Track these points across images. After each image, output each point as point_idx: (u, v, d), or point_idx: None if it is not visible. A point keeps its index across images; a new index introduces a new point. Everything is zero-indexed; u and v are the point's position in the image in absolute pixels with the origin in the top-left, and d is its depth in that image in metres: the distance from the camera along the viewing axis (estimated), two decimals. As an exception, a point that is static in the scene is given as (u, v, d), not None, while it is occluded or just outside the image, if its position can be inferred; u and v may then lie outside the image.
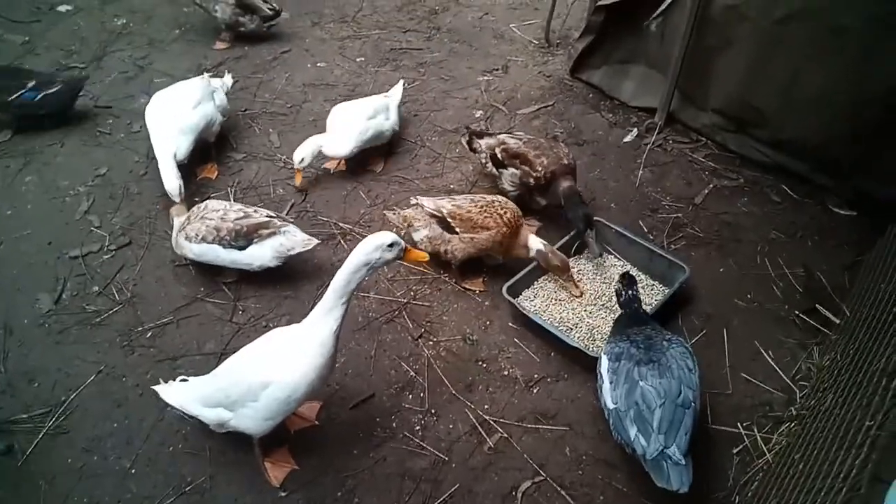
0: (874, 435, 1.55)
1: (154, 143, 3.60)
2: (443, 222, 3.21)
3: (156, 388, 2.60)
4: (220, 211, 3.17)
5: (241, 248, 3.13)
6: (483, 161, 3.69)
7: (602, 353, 2.61)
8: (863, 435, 1.63)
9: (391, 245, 2.21)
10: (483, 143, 3.68)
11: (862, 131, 3.48)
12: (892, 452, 1.47)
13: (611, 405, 2.44)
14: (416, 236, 3.31)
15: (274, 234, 3.14)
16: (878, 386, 1.80)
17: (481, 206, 3.19)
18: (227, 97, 4.09)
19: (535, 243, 3.16)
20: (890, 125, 3.35)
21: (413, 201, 3.38)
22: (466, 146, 3.82)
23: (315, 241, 3.22)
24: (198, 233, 3.13)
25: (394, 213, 3.43)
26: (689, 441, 2.26)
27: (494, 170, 3.61)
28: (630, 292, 2.78)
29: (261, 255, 3.16)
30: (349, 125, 3.79)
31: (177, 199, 3.44)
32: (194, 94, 3.75)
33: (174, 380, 2.65)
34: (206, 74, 4.04)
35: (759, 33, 3.64)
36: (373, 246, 2.19)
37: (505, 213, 3.17)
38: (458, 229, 3.18)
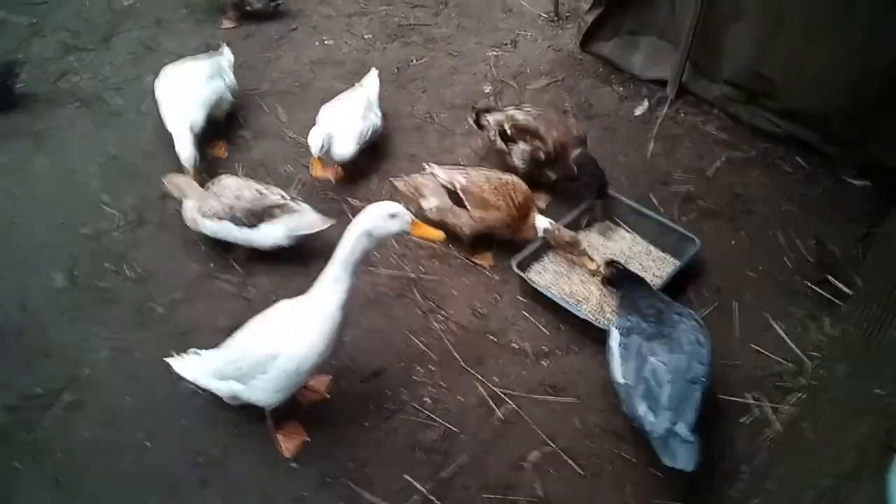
0: (885, 404, 1.54)
1: (166, 115, 3.62)
2: (454, 196, 3.20)
3: (169, 360, 2.64)
4: (235, 188, 3.18)
5: (254, 227, 3.14)
6: (491, 137, 3.67)
7: (612, 327, 2.60)
8: (874, 403, 1.62)
9: (393, 215, 2.19)
10: (491, 119, 3.65)
11: (872, 101, 3.42)
12: (901, 418, 1.46)
13: (620, 380, 2.44)
14: (426, 204, 3.29)
15: (287, 213, 3.15)
16: (891, 356, 1.78)
17: (495, 186, 3.17)
18: (232, 73, 4.08)
19: (542, 223, 3.14)
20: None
21: (427, 169, 3.36)
22: (473, 124, 3.79)
23: (331, 222, 3.22)
24: (213, 209, 3.14)
25: (402, 182, 3.41)
26: (698, 417, 2.26)
27: (504, 146, 3.59)
28: (617, 267, 2.82)
29: (273, 234, 3.17)
30: (349, 127, 3.58)
31: (191, 170, 3.46)
32: (205, 70, 3.77)
33: (187, 353, 2.69)
34: (214, 53, 4.03)
35: (768, 4, 3.57)
36: (374, 214, 2.19)
37: (517, 195, 3.15)
38: (468, 205, 3.17)
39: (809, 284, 3.14)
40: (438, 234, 2.37)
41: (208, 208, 3.15)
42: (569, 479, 2.54)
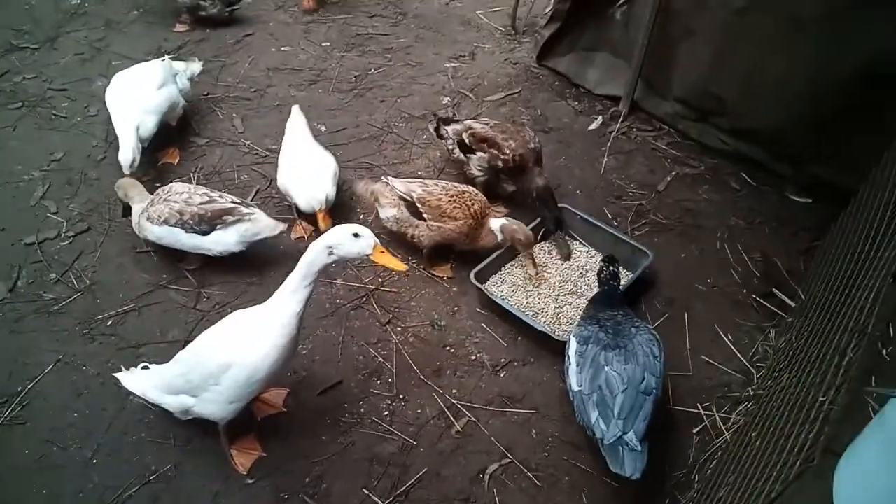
0: (827, 409, 1.61)
1: (115, 122, 3.51)
2: (412, 207, 3.21)
3: (117, 375, 2.56)
4: (185, 194, 3.11)
5: (205, 234, 3.08)
6: (450, 147, 3.70)
7: (571, 336, 2.65)
8: (816, 410, 1.69)
9: (356, 235, 2.19)
10: (450, 129, 3.68)
11: (818, 120, 3.57)
12: (843, 426, 1.53)
13: (576, 387, 2.48)
14: (383, 214, 3.31)
15: (239, 220, 3.10)
16: (831, 364, 1.87)
17: (451, 196, 3.19)
18: (189, 83, 4.00)
19: (497, 222, 3.18)
20: (845, 115, 3.45)
21: (383, 180, 3.36)
22: (434, 133, 3.82)
23: (282, 226, 3.19)
24: (160, 215, 3.06)
25: (362, 184, 3.43)
26: (647, 427, 2.32)
27: (462, 155, 3.62)
28: (611, 268, 2.87)
29: (224, 240, 3.11)
30: (321, 173, 3.39)
31: (126, 171, 3.37)
32: (157, 76, 3.67)
33: (136, 367, 2.61)
34: (167, 57, 3.94)
35: (719, 23, 3.71)
36: (338, 232, 2.19)
37: (473, 204, 3.18)
38: (426, 216, 3.18)
39: (756, 297, 3.26)
40: (400, 265, 2.36)
41: (156, 213, 3.07)
42: (526, 491, 2.56)
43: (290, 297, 2.23)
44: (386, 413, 2.77)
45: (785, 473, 1.60)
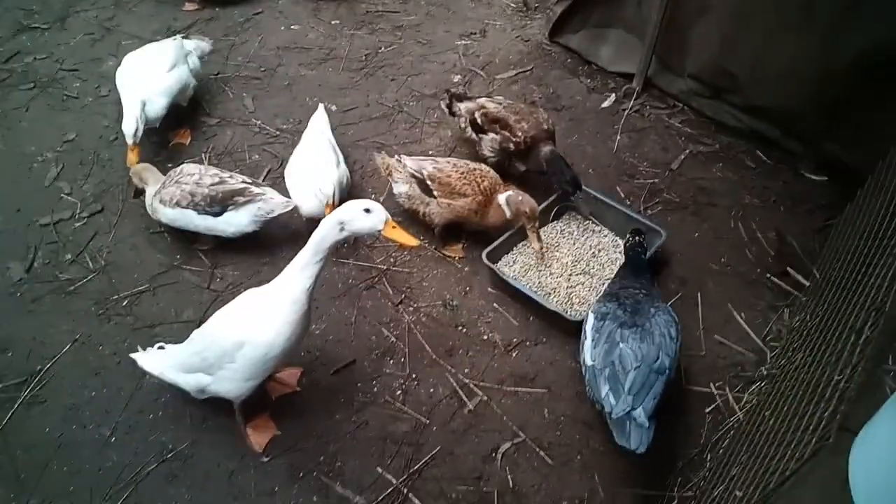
0: (843, 388, 1.60)
1: (124, 101, 3.49)
2: (422, 184, 3.21)
3: (133, 355, 2.59)
4: (196, 175, 3.12)
5: (216, 215, 3.08)
6: (462, 126, 3.67)
7: (590, 311, 2.66)
8: (832, 389, 1.68)
9: (368, 210, 2.19)
10: (463, 106, 3.65)
11: (832, 98, 3.52)
12: (859, 404, 1.53)
13: (589, 362, 2.49)
14: (396, 190, 3.32)
15: (250, 200, 3.10)
16: (847, 343, 1.86)
17: (462, 173, 3.18)
18: (200, 62, 3.98)
19: (503, 196, 3.15)
20: (857, 94, 3.40)
21: (396, 158, 3.36)
22: (446, 110, 3.78)
23: (294, 203, 3.18)
24: (172, 196, 3.07)
25: (381, 157, 3.42)
26: (657, 406, 2.32)
27: (474, 135, 3.59)
28: (637, 238, 2.87)
29: (237, 221, 3.12)
30: (325, 177, 3.17)
31: (129, 142, 3.33)
32: (168, 57, 3.65)
33: (152, 347, 2.63)
34: (178, 36, 3.92)
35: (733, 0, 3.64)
36: (349, 207, 2.19)
37: (483, 181, 3.17)
38: (436, 193, 3.18)
39: (770, 276, 3.24)
40: (412, 240, 2.32)
41: (168, 195, 3.08)
42: (538, 469, 2.58)
43: (299, 273, 2.23)
44: (399, 392, 2.79)
45: (800, 451, 1.60)
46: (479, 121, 3.52)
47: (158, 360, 2.55)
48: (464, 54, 4.70)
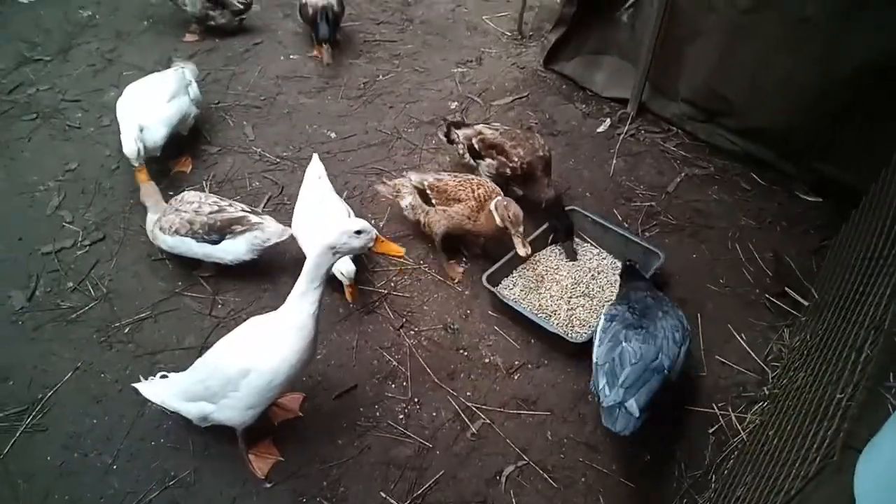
0: (845, 406, 1.62)
1: (125, 138, 3.44)
2: (423, 194, 3.32)
3: (136, 385, 2.58)
4: (195, 203, 3.15)
5: (215, 243, 3.11)
6: (461, 152, 3.72)
7: (602, 315, 2.74)
8: (834, 407, 1.70)
9: (358, 232, 2.22)
10: (461, 133, 3.71)
11: (824, 120, 3.58)
12: (862, 422, 1.54)
13: (594, 360, 2.56)
14: (402, 203, 3.43)
15: (248, 228, 3.12)
16: (848, 361, 1.87)
17: (459, 181, 3.27)
18: (199, 91, 4.03)
19: (491, 203, 3.14)
20: (851, 114, 3.46)
21: (405, 175, 3.48)
22: (444, 138, 3.84)
23: (290, 231, 3.20)
24: (171, 224, 3.10)
25: (383, 185, 3.56)
26: (650, 401, 2.37)
27: (472, 161, 3.64)
28: (629, 266, 3.00)
29: (235, 249, 3.14)
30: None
31: (135, 164, 3.33)
32: (169, 87, 3.70)
33: (154, 376, 2.63)
34: (179, 66, 3.98)
35: (725, 24, 3.72)
36: (340, 231, 2.20)
37: (478, 188, 3.21)
38: (434, 200, 3.26)
39: (768, 296, 3.26)
40: (398, 250, 2.38)
41: (167, 223, 3.11)
42: (543, 492, 2.57)
43: (300, 300, 2.24)
44: (401, 416, 2.79)
45: (805, 470, 1.60)
46: (476, 146, 3.57)
47: (161, 389, 2.54)
48: (460, 82, 4.77)
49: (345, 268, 2.98)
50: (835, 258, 3.14)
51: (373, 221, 3.62)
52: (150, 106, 3.59)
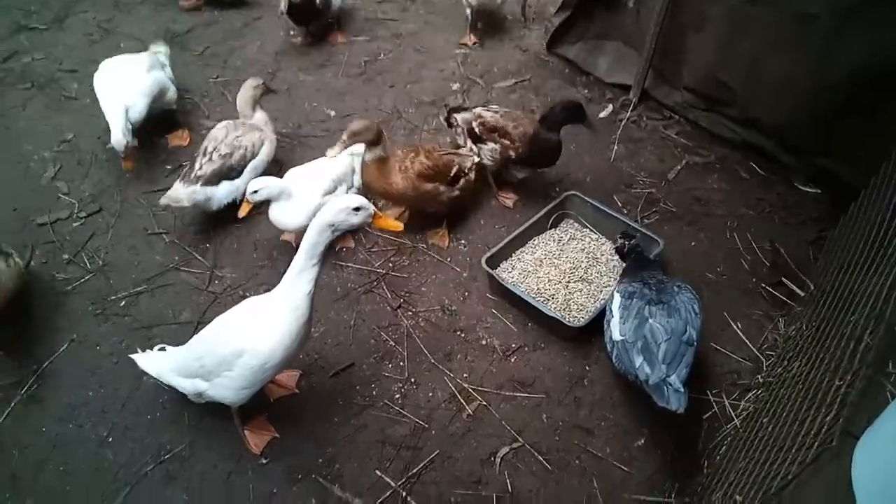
0: (844, 393, 1.63)
1: (104, 107, 3.45)
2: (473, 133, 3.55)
3: (133, 356, 2.57)
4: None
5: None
6: (459, 136, 3.69)
7: (615, 291, 2.76)
8: (832, 394, 1.71)
9: (357, 209, 2.19)
10: (459, 117, 3.67)
11: (824, 112, 3.57)
12: (861, 409, 1.55)
13: (618, 337, 2.58)
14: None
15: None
16: (847, 350, 1.88)
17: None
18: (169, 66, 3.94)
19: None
20: (851, 108, 3.45)
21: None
22: (444, 123, 3.81)
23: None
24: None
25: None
26: (688, 374, 2.43)
27: (472, 145, 3.61)
28: (631, 242, 2.97)
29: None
30: (304, 198, 3.13)
31: (122, 154, 3.35)
32: (144, 61, 3.64)
33: (151, 349, 2.62)
34: (152, 49, 3.91)
35: (730, 13, 3.69)
36: (338, 207, 2.17)
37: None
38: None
39: (765, 286, 3.28)
40: (397, 225, 2.37)
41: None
42: (537, 473, 2.58)
43: (297, 278, 2.22)
44: (397, 396, 2.80)
45: (802, 456, 1.62)
46: (476, 130, 3.54)
47: (157, 362, 2.53)
48: (462, 63, 4.73)
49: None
50: (833, 249, 3.16)
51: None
52: (130, 78, 3.53)
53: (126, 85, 3.50)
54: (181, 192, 3.17)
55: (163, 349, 2.59)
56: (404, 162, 3.18)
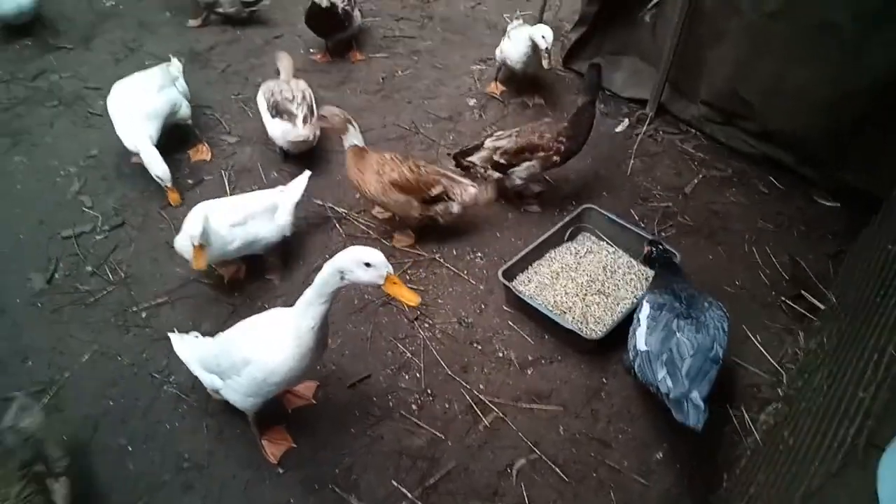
0: (868, 405, 1.61)
1: (121, 131, 3.51)
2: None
3: (170, 335, 2.64)
4: (283, 88, 3.84)
5: (273, 117, 3.77)
6: (484, 174, 3.58)
7: (644, 300, 2.74)
8: (857, 406, 1.69)
9: (368, 264, 2.07)
10: (475, 158, 3.58)
11: (844, 126, 3.56)
12: (885, 421, 1.53)
13: (642, 347, 2.57)
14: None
15: (288, 119, 3.73)
16: (869, 362, 1.86)
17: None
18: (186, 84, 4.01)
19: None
20: (872, 120, 3.43)
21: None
22: (455, 164, 3.71)
23: (303, 136, 3.72)
24: (266, 91, 3.89)
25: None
26: (710, 391, 2.41)
27: (500, 174, 3.54)
28: (660, 248, 2.98)
29: (274, 130, 3.77)
30: (218, 226, 2.93)
31: (168, 185, 3.45)
32: (156, 80, 3.70)
33: (171, 360, 2.66)
34: (164, 64, 3.95)
35: (749, 27, 3.70)
36: (349, 257, 2.08)
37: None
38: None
39: (784, 299, 3.25)
40: (412, 297, 2.16)
41: (267, 89, 3.91)
42: (554, 486, 2.57)
43: (304, 310, 2.18)
44: (414, 407, 2.80)
45: (825, 468, 1.60)
46: (502, 161, 3.49)
47: (188, 349, 2.59)
48: (478, 79, 4.78)
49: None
50: (854, 262, 3.12)
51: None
52: (142, 103, 3.57)
53: (140, 110, 3.54)
54: (306, 131, 3.71)
55: (197, 336, 2.63)
56: (383, 166, 3.23)
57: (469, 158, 3.62)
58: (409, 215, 3.35)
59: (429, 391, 2.86)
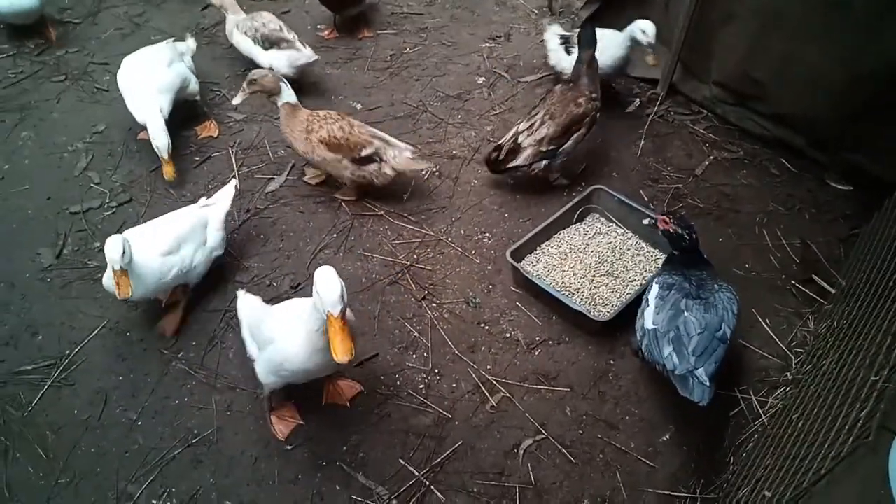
0: (881, 388, 1.60)
1: (132, 105, 3.51)
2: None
3: (238, 292, 2.64)
4: (266, 19, 4.14)
5: (265, 49, 4.05)
6: (535, 172, 3.52)
7: (653, 282, 2.72)
8: (868, 389, 1.68)
9: (318, 292, 2.03)
10: (521, 161, 3.46)
11: (856, 108, 3.50)
12: (897, 405, 1.52)
13: (650, 326, 2.56)
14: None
15: (290, 47, 4.05)
16: (882, 346, 1.85)
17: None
18: (192, 61, 3.98)
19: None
20: (884, 102, 3.38)
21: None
22: (494, 173, 3.61)
23: (315, 57, 4.13)
24: (245, 28, 4.11)
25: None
26: (717, 370, 2.40)
27: (546, 161, 3.49)
28: (680, 221, 2.76)
29: (277, 60, 4.03)
30: (142, 263, 2.63)
31: (165, 156, 3.38)
32: (165, 55, 3.68)
33: (245, 292, 2.66)
34: (170, 40, 3.93)
35: (761, 7, 3.63)
36: (315, 278, 2.06)
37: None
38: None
39: (795, 283, 3.23)
40: (344, 351, 2.04)
41: (243, 26, 4.12)
42: (560, 466, 2.58)
43: (312, 312, 2.15)
44: (421, 386, 2.80)
45: (836, 451, 1.59)
46: (550, 147, 3.45)
47: (245, 308, 2.58)
48: (488, 57, 4.72)
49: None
50: (865, 246, 3.09)
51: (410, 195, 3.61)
52: (154, 76, 3.56)
53: (152, 84, 3.53)
54: (311, 51, 4.12)
55: (259, 299, 2.61)
56: (313, 123, 3.23)
57: (512, 164, 3.48)
58: (341, 175, 3.36)
59: (436, 370, 2.86)
